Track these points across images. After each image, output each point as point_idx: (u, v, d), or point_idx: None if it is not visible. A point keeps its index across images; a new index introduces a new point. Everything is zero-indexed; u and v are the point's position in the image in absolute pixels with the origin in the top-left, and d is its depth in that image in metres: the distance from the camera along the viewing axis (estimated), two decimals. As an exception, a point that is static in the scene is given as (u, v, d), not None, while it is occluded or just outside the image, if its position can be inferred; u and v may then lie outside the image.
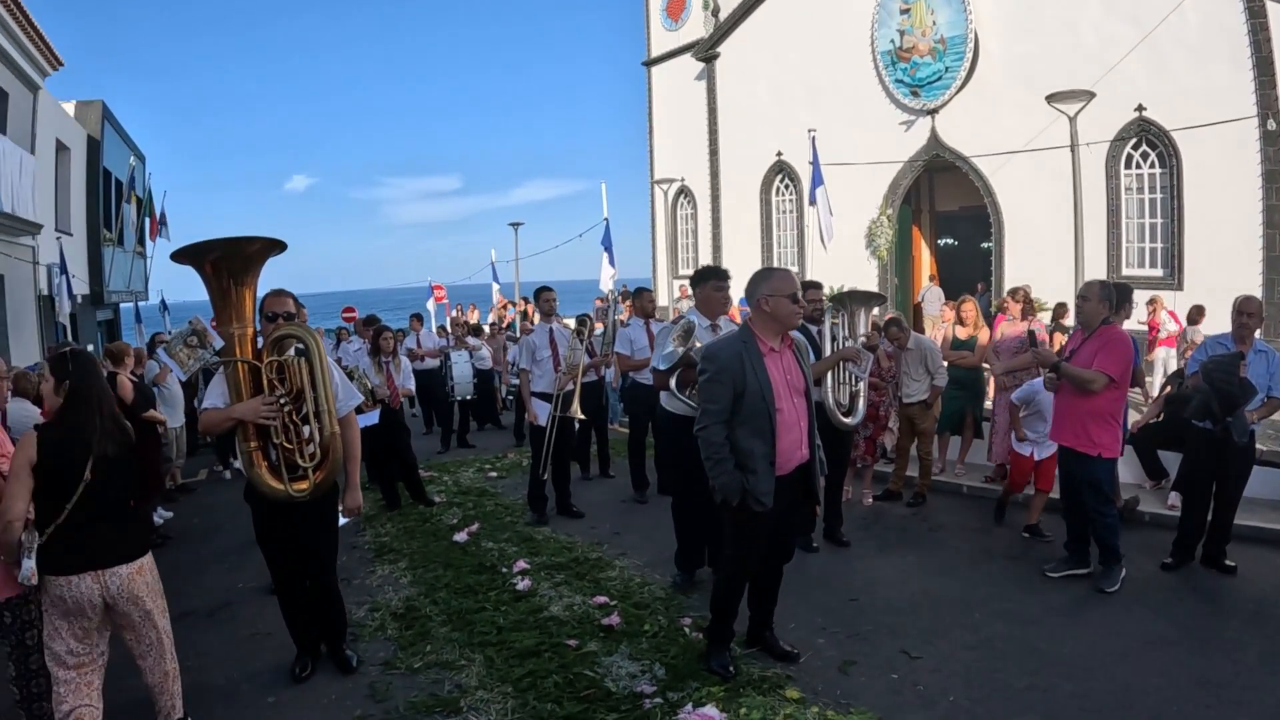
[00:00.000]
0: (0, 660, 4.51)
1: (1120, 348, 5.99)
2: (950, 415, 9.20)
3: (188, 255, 4.78)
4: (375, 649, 5.67)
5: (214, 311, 4.94)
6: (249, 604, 6.69)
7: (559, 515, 8.63)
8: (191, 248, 4.77)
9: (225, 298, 4.81)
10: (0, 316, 15.87)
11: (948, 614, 5.75)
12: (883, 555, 7.09)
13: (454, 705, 4.81)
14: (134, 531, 4.27)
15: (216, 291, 4.82)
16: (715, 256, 24.36)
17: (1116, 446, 6.17)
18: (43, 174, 17.65)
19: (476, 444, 13.46)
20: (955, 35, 17.78)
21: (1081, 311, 6.29)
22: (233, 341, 4.85)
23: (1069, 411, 6.23)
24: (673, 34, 25.77)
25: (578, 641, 5.49)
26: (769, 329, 4.79)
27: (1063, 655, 5.09)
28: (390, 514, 9.09)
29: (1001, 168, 17.24)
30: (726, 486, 4.69)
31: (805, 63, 21.21)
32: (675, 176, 24.32)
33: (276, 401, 4.77)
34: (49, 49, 17.62)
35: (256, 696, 5.14)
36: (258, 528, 5.15)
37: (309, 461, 4.82)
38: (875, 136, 19.49)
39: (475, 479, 10.71)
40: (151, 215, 23.68)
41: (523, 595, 6.39)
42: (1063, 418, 6.32)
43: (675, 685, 4.85)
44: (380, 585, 6.94)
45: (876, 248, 20.08)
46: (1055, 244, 15.16)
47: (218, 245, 4.76)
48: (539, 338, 8.76)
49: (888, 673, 4.95)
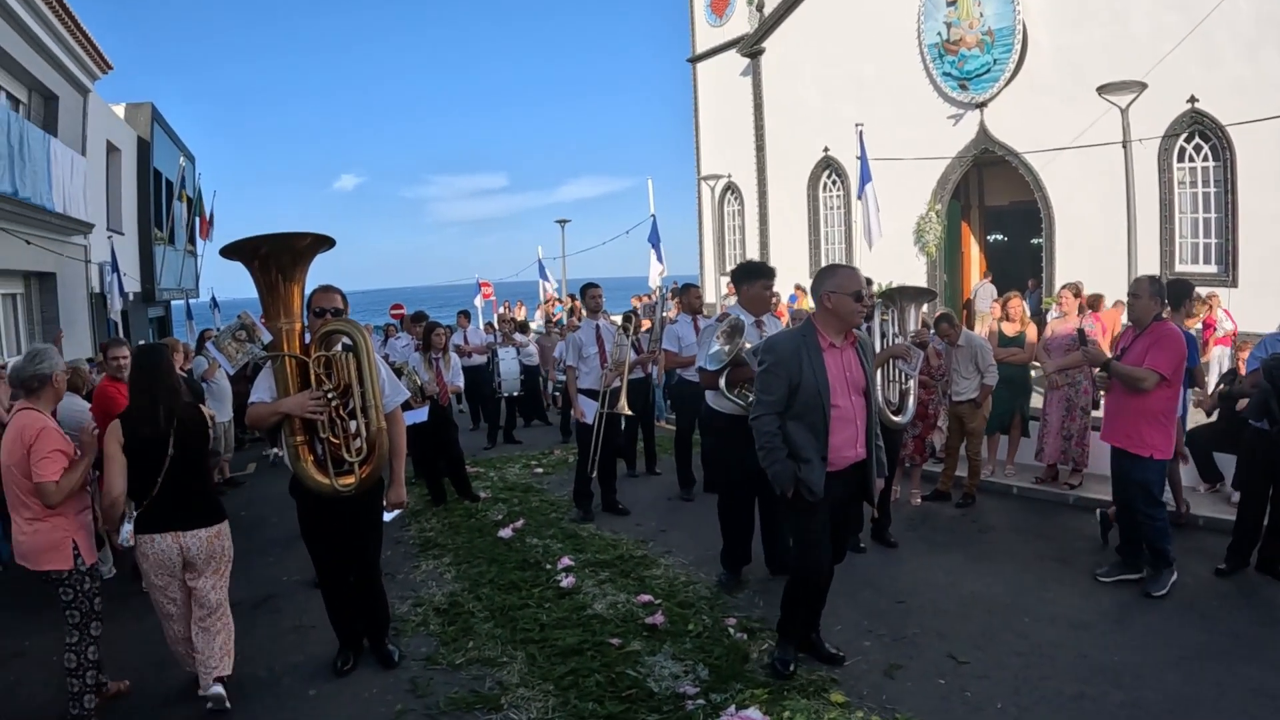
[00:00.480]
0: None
1: (1172, 344, 5.85)
2: (999, 414, 9.03)
3: (237, 250, 4.83)
4: (417, 644, 5.71)
5: (262, 306, 5.00)
6: (293, 597, 6.75)
7: (604, 512, 8.63)
8: (241, 243, 4.82)
9: (274, 293, 4.87)
10: (53, 313, 16.17)
11: (996, 618, 5.68)
12: (931, 556, 7.00)
13: (495, 702, 4.83)
14: (206, 500, 4.99)
15: (265, 286, 4.88)
16: (762, 253, 24.23)
17: (1169, 447, 6.02)
18: (94, 175, 17.94)
19: (523, 440, 13.48)
20: (1003, 27, 17.54)
21: (1133, 308, 6.17)
22: (281, 336, 4.91)
23: (1120, 411, 6.09)
24: (717, 30, 25.69)
25: (621, 640, 5.49)
26: (831, 325, 4.77)
27: (1113, 663, 4.99)
28: (435, 509, 9.14)
29: (1051, 161, 16.95)
30: (779, 475, 4.72)
31: (851, 57, 21.02)
32: (722, 173, 24.23)
33: (323, 396, 4.81)
34: (98, 53, 17.90)
35: (298, 689, 5.20)
36: (303, 521, 5.20)
37: (355, 456, 4.87)
38: (923, 131, 19.26)
39: (521, 475, 10.74)
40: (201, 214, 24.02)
41: (566, 592, 6.40)
42: (1114, 417, 6.18)
43: (718, 686, 4.83)
44: (424, 580, 6.98)
45: (925, 244, 19.86)
46: (1107, 240, 14.91)
47: (266, 240, 4.82)
48: (585, 334, 8.77)
49: (934, 678, 4.89)
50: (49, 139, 14.48)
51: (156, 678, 5.38)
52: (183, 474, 4.83)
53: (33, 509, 4.63)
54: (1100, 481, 8.31)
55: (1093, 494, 8.23)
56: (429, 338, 9.66)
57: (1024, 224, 20.28)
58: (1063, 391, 8.56)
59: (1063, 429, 8.58)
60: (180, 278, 26.27)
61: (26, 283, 15.70)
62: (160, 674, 5.40)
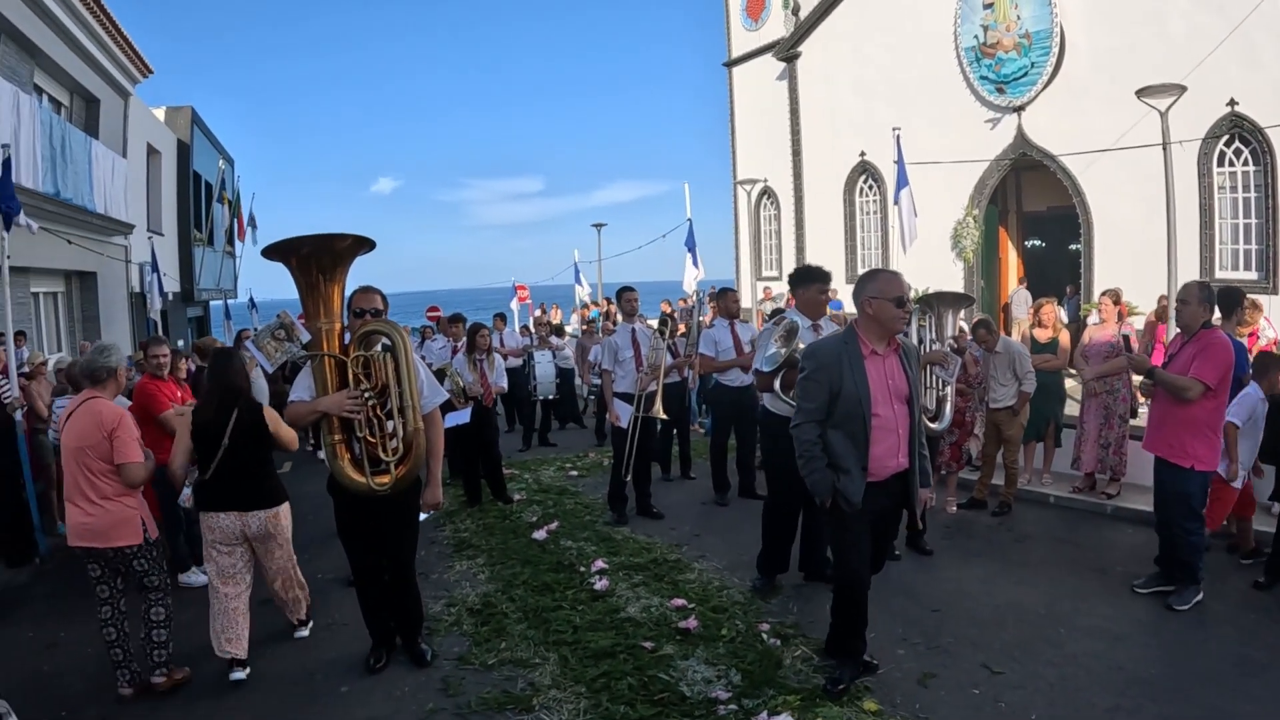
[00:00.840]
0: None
1: (1219, 353, 5.73)
2: (1033, 422, 8.87)
3: (279, 251, 4.90)
4: (450, 644, 5.76)
5: (302, 306, 5.07)
6: (327, 595, 6.82)
7: (639, 516, 8.65)
8: (283, 243, 4.89)
9: (314, 293, 4.94)
10: (93, 312, 16.42)
11: (1031, 628, 5.64)
12: (966, 565, 6.97)
13: (526, 703, 4.86)
14: (267, 486, 5.54)
15: (305, 287, 4.95)
16: (799, 258, 24.11)
17: (1213, 459, 5.90)
18: (134, 177, 18.23)
19: (557, 443, 13.54)
20: (1040, 30, 17.34)
21: (1181, 315, 6.06)
22: (320, 336, 4.98)
23: (1164, 420, 6.00)
24: (753, 34, 25.60)
25: (654, 644, 5.51)
26: (872, 331, 4.70)
27: (1150, 676, 4.96)
28: (470, 510, 9.20)
29: (1090, 166, 16.75)
30: (817, 485, 4.69)
31: (888, 61, 20.88)
32: (758, 177, 24.15)
33: (360, 395, 4.87)
34: (139, 57, 18.15)
35: (330, 685, 5.26)
36: (340, 519, 5.28)
37: (391, 456, 4.93)
38: (960, 135, 19.09)
39: (556, 477, 10.77)
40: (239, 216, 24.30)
41: (600, 595, 6.43)
42: (1157, 427, 6.08)
43: (751, 692, 4.83)
44: (458, 580, 7.03)
45: (962, 249, 19.66)
46: (1146, 246, 14.71)
47: (308, 241, 4.88)
48: (621, 338, 8.77)
49: (969, 687, 4.87)
50: (90, 141, 14.70)
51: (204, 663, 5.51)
52: (241, 461, 5.36)
53: (103, 489, 5.04)
54: (1139, 492, 8.24)
55: (1131, 504, 8.16)
56: (473, 339, 9.72)
57: (1062, 229, 20.00)
58: (1101, 399, 8.47)
59: (1100, 437, 8.48)
60: (219, 278, 26.61)
61: (68, 281, 15.93)
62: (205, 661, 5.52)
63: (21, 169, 10.50)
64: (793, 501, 6.30)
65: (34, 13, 13.13)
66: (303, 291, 4.98)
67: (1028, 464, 9.22)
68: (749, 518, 7.03)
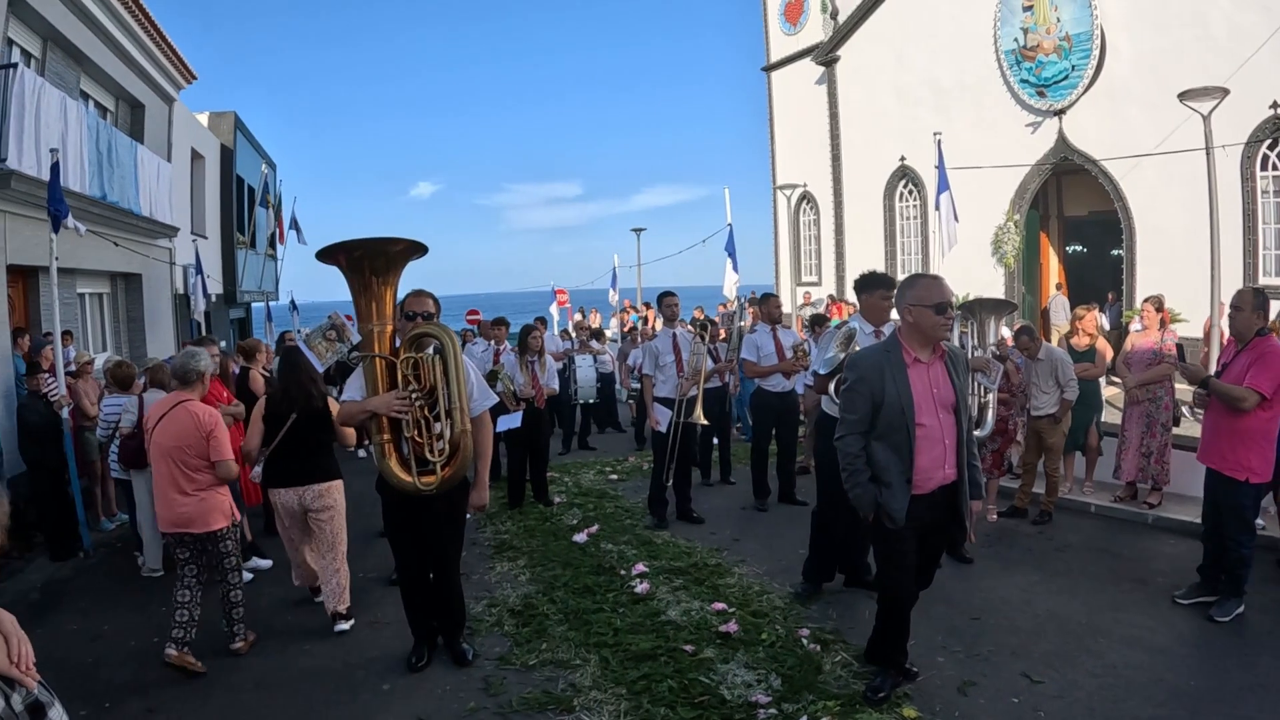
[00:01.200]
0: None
1: (1275, 361, 5.64)
2: (1073, 431, 8.76)
3: (333, 253, 5.01)
4: (491, 644, 5.83)
5: (355, 308, 5.16)
6: (369, 593, 6.93)
7: (679, 520, 8.69)
8: (337, 246, 4.99)
9: (367, 294, 5.03)
10: (138, 313, 16.64)
11: (1072, 638, 5.62)
12: (1006, 574, 6.94)
13: (567, 704, 4.91)
14: (323, 463, 6.37)
15: (359, 289, 5.04)
16: (838, 263, 24.09)
17: (1267, 471, 5.82)
18: (179, 180, 18.46)
19: (597, 446, 13.60)
20: (1081, 32, 17.26)
21: (1234, 322, 5.95)
22: (371, 337, 5.08)
23: (1217, 431, 5.91)
24: (791, 38, 25.59)
25: (694, 647, 5.54)
26: (914, 339, 4.59)
27: (1190, 688, 4.93)
28: (511, 512, 9.28)
29: (1132, 170, 16.60)
30: (860, 499, 4.64)
31: (927, 64, 20.84)
32: (797, 182, 24.10)
33: (409, 396, 4.95)
34: (183, 64, 18.40)
35: (372, 683, 5.34)
36: (387, 518, 5.40)
37: (438, 457, 4.99)
38: (1001, 139, 19.02)
39: (596, 481, 10.84)
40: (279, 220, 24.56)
41: (640, 598, 6.48)
42: (1211, 438, 5.99)
43: (791, 697, 4.86)
44: (498, 581, 7.11)
45: (1003, 255, 19.57)
46: (1189, 251, 14.55)
47: (361, 244, 4.98)
48: (662, 343, 8.80)
49: (1008, 696, 4.87)
50: (136, 146, 14.90)
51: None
52: (302, 442, 6.29)
53: (198, 481, 5.66)
54: (1181, 501, 8.19)
55: (1173, 514, 8.09)
56: (525, 341, 9.81)
57: (1104, 235, 19.85)
58: (1143, 407, 8.39)
59: (1142, 446, 8.40)
60: (260, 280, 26.90)
61: (113, 283, 16.15)
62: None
63: (69, 173, 10.68)
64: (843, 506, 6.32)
65: (81, 21, 13.34)
66: (356, 293, 5.07)
67: (1068, 473, 9.13)
68: (789, 523, 7.02)
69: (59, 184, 9.11)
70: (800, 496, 9.05)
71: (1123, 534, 7.95)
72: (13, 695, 1.78)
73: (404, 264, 5.12)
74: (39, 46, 12.69)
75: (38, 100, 10.71)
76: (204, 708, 5.11)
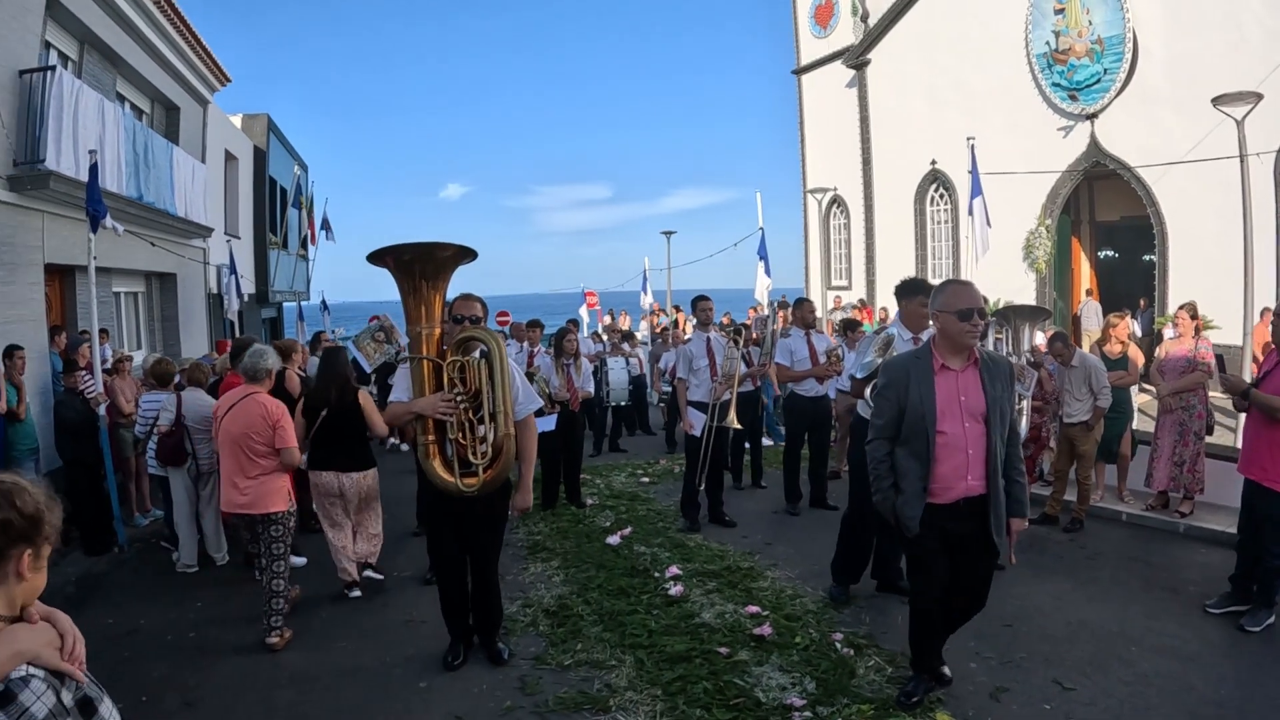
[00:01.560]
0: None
1: None
2: (1105, 439, 8.70)
3: (382, 256, 5.13)
4: (526, 644, 5.91)
5: (404, 310, 5.27)
6: (404, 592, 7.06)
7: (711, 523, 8.75)
8: (387, 250, 5.11)
9: (416, 298, 5.15)
10: (172, 312, 16.88)
11: (1104, 645, 5.63)
12: (1038, 581, 6.93)
13: (603, 704, 4.97)
14: (360, 453, 7.08)
15: (408, 292, 5.16)
16: (869, 268, 24.02)
17: None
18: (213, 181, 18.72)
19: (627, 449, 13.67)
20: (1113, 35, 17.13)
21: (1277, 330, 5.95)
22: (419, 340, 5.20)
23: (1256, 442, 5.88)
24: (822, 41, 25.55)
25: (729, 649, 5.59)
26: (944, 346, 4.55)
27: (1220, 696, 4.94)
28: (544, 513, 9.36)
29: (1164, 175, 16.44)
30: (882, 504, 4.68)
31: (958, 68, 20.76)
32: (828, 186, 24.05)
33: (454, 398, 5.04)
34: (217, 67, 18.64)
35: (409, 680, 5.43)
36: (430, 518, 5.55)
37: (481, 459, 5.09)
38: (1033, 143, 18.89)
39: (627, 484, 10.91)
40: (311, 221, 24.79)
41: (674, 600, 6.53)
42: (1250, 448, 5.96)
43: (825, 700, 4.91)
44: (533, 582, 7.20)
45: (1035, 260, 19.42)
46: (1222, 258, 14.40)
47: (411, 249, 5.09)
48: (696, 346, 8.84)
49: (1040, 702, 4.90)
50: (171, 147, 15.11)
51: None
52: (337, 431, 6.93)
53: (262, 466, 6.14)
54: (1213, 510, 8.17)
55: (1205, 523, 8.06)
56: (560, 343, 9.91)
57: (1136, 240, 19.64)
58: (1175, 415, 8.34)
59: (1174, 454, 8.35)
60: (292, 280, 27.16)
61: (148, 282, 16.37)
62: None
63: (106, 173, 10.84)
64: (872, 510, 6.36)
65: (117, 24, 13.55)
66: (405, 295, 5.19)
67: (1099, 481, 9.05)
68: (821, 528, 7.04)
69: (97, 184, 9.25)
70: (832, 501, 9.09)
71: (1154, 542, 7.93)
72: (63, 690, 1.85)
73: (453, 269, 5.23)
74: (76, 49, 12.91)
75: (76, 102, 10.89)
76: (240, 702, 5.21)
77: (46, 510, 1.96)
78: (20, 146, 10.29)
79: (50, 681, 1.81)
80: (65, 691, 1.85)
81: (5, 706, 1.71)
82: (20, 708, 1.71)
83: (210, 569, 7.89)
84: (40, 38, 11.19)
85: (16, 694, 1.72)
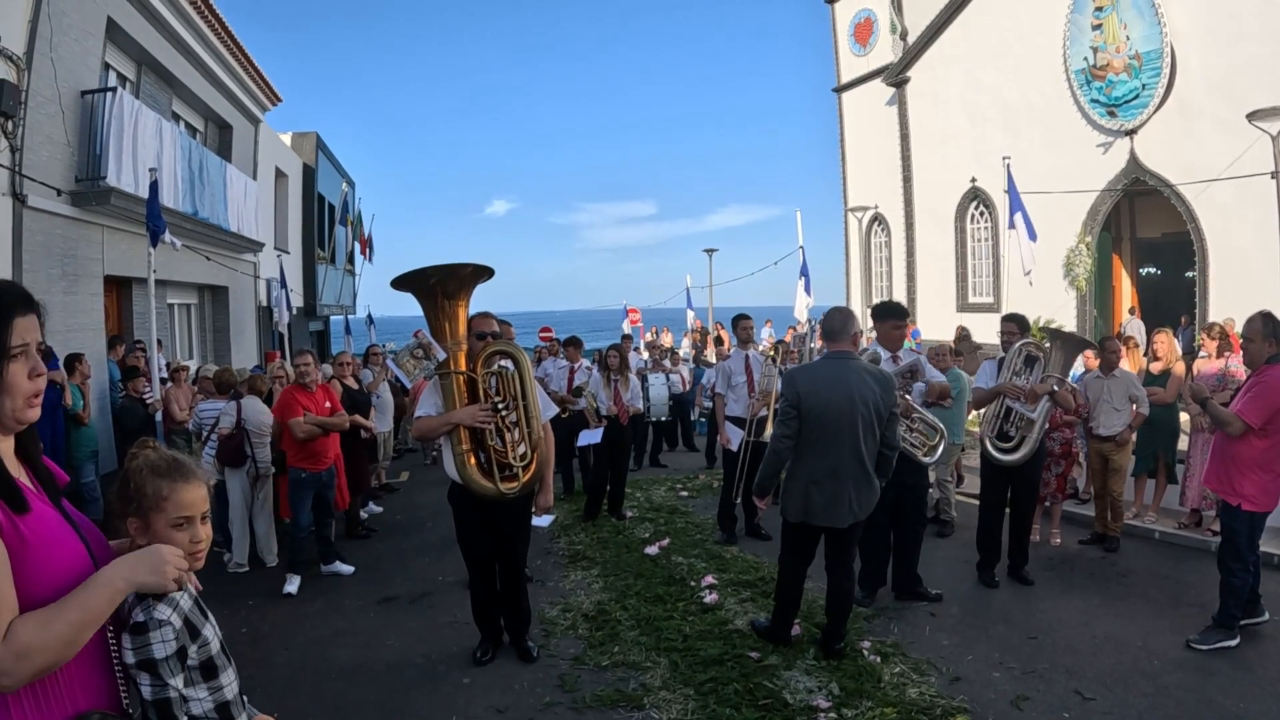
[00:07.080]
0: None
1: (1266, 392, 5.61)
2: (1143, 457, 8.77)
3: (406, 282, 5.40)
4: (566, 645, 6.13)
5: (431, 330, 5.55)
6: (448, 595, 7.31)
7: (747, 536, 8.92)
8: (412, 275, 5.37)
9: (443, 317, 5.42)
10: (224, 324, 17.35)
11: (1127, 658, 5.71)
12: (1066, 597, 6.99)
13: (638, 702, 5.18)
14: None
15: (435, 312, 5.43)
16: (909, 285, 23.99)
17: (1265, 501, 5.75)
18: (264, 198, 19.27)
19: (668, 464, 13.81)
20: (1150, 50, 17.08)
21: (1247, 352, 6.00)
22: (451, 356, 5.45)
23: (1217, 454, 6.01)
24: (861, 59, 25.63)
25: (759, 654, 5.78)
26: None
27: (1239, 711, 5.00)
28: (585, 524, 9.59)
29: (1205, 191, 16.35)
30: None
31: (997, 85, 20.78)
32: (869, 204, 24.08)
33: (491, 408, 5.30)
34: (269, 87, 19.17)
35: (453, 676, 5.68)
36: (460, 525, 5.75)
37: (520, 462, 5.39)
38: (1072, 159, 18.86)
39: (667, 497, 11.11)
40: (360, 236, 25.27)
41: (709, 608, 6.72)
42: (1212, 459, 6.09)
43: (850, 703, 5.07)
44: (573, 589, 7.42)
45: (1075, 278, 19.32)
46: (1263, 274, 14.37)
47: (435, 271, 5.36)
48: (735, 363, 9.03)
49: (1060, 711, 5.00)
50: (224, 165, 15.57)
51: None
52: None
53: None
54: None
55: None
56: (605, 359, 10.12)
57: (1178, 257, 19.54)
58: (1207, 434, 8.34)
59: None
60: (339, 294, 27.70)
61: (200, 294, 16.83)
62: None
63: (164, 190, 11.24)
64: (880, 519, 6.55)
65: (173, 46, 14.04)
66: (431, 317, 5.47)
67: (1138, 498, 9.04)
68: (851, 541, 7.15)
69: (158, 201, 9.58)
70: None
71: (1186, 560, 7.94)
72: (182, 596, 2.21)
73: (473, 286, 5.53)
74: (134, 71, 13.39)
75: (135, 122, 11.31)
76: (290, 695, 5.44)
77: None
78: (82, 163, 10.73)
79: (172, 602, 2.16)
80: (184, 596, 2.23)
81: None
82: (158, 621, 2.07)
83: (260, 570, 8.16)
84: (100, 60, 11.64)
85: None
